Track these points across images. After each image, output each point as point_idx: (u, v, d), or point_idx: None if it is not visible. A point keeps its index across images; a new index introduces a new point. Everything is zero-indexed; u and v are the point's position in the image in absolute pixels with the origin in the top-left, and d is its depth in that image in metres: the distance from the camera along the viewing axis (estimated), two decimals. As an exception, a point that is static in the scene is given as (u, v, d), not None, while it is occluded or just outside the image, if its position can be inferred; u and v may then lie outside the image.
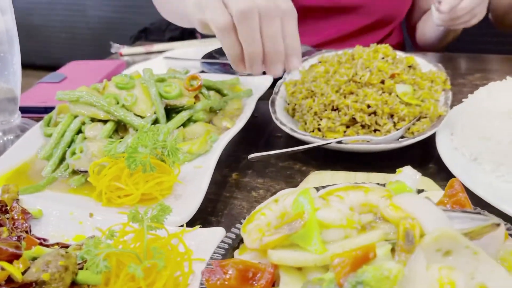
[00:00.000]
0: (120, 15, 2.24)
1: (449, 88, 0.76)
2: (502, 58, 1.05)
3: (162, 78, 0.72)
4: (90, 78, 0.97)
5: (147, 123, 0.63)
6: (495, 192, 0.55)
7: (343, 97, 0.71)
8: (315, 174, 0.61)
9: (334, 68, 0.76)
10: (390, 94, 0.71)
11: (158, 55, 1.19)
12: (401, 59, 0.80)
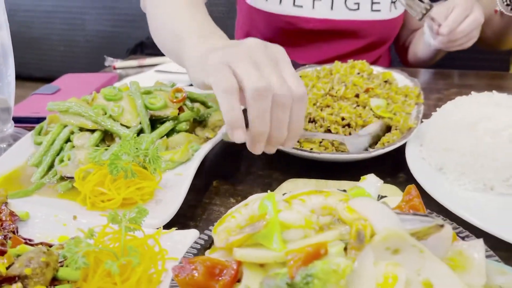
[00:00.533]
0: (118, 29, 2.29)
1: (421, 102, 0.80)
2: (479, 74, 1.10)
3: (149, 90, 0.76)
4: (83, 90, 1.00)
5: (132, 132, 0.67)
6: (455, 199, 0.58)
7: (320, 110, 0.75)
8: (290, 181, 0.65)
9: (313, 83, 0.81)
10: (364, 108, 0.75)
11: (150, 68, 1.23)
12: (377, 75, 0.85)
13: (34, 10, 2.44)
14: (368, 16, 1.20)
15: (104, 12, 2.30)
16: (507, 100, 0.65)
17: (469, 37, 0.95)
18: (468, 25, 0.92)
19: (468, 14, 0.92)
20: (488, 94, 0.68)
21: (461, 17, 0.92)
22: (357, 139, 0.70)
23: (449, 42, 0.96)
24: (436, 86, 1.04)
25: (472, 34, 0.95)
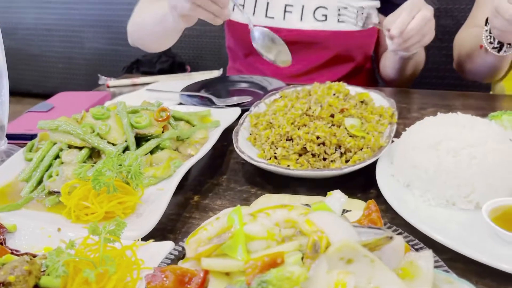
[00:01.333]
0: (114, 47, 2.35)
1: (395, 122, 0.84)
2: (456, 94, 1.15)
3: (136, 109, 0.80)
4: (75, 108, 1.04)
5: (118, 149, 0.71)
6: (419, 215, 0.62)
7: (297, 129, 0.79)
8: (265, 197, 0.69)
9: (292, 103, 0.85)
10: (339, 127, 0.79)
11: (142, 86, 1.28)
12: (354, 96, 0.89)
13: (34, 28, 2.51)
14: (335, 27, 1.27)
15: (101, 30, 2.37)
16: (470, 120, 0.70)
17: (422, 33, 0.99)
18: (417, 22, 0.97)
19: (415, 14, 0.97)
20: (453, 115, 0.72)
21: (409, 18, 0.97)
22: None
23: (404, 42, 1.00)
24: (415, 105, 1.08)
25: (424, 31, 0.99)
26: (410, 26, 0.96)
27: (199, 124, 0.85)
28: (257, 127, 0.85)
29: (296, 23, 1.31)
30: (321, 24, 1.29)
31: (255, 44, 1.10)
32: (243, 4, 1.34)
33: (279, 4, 1.31)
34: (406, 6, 0.99)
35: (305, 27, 1.30)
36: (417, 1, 0.98)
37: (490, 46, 1.10)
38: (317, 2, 1.29)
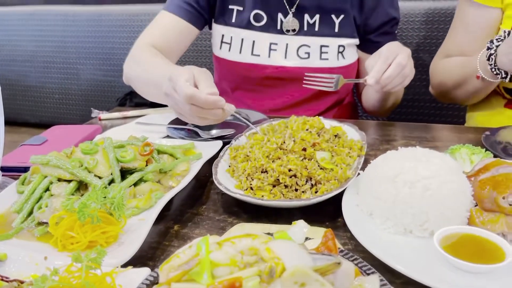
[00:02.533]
0: (109, 78, 2.43)
1: (363, 154, 0.91)
2: (426, 126, 1.22)
3: (122, 144, 0.87)
4: (68, 141, 1.11)
5: (103, 182, 0.77)
6: (377, 242, 0.68)
7: (272, 162, 0.85)
8: (238, 226, 0.74)
9: (268, 137, 0.92)
10: (310, 160, 0.85)
11: (133, 119, 1.34)
12: (327, 130, 0.96)
13: (32, 61, 2.59)
14: (318, 64, 1.35)
15: (97, 62, 2.45)
16: (426, 154, 0.76)
17: (402, 76, 1.05)
18: (392, 71, 1.02)
19: (391, 62, 1.03)
20: (412, 149, 0.78)
21: (385, 66, 1.03)
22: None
23: (384, 87, 1.06)
24: (387, 137, 1.15)
25: (404, 73, 1.05)
26: (386, 75, 1.02)
27: (181, 157, 0.91)
28: (236, 159, 0.92)
29: (280, 60, 1.39)
30: (304, 61, 1.37)
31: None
32: (230, 43, 1.42)
33: (264, 42, 1.39)
34: (383, 53, 1.04)
35: (289, 64, 1.38)
36: (393, 46, 1.04)
37: (494, 77, 1.18)
38: (300, 41, 1.38)
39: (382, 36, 1.36)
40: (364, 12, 1.35)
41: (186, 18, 1.39)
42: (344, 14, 1.35)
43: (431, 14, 1.88)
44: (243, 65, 1.40)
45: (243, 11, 1.40)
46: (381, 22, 1.36)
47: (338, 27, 1.35)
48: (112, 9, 2.42)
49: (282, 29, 1.38)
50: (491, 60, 1.16)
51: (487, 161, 0.76)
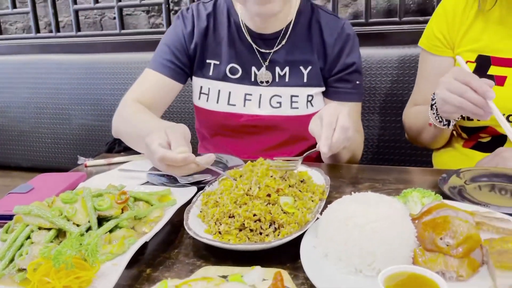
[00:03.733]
0: (99, 123, 2.52)
1: (325, 198, 0.98)
2: (390, 169, 1.29)
3: (100, 193, 0.94)
4: (53, 189, 1.18)
5: (80, 230, 0.83)
6: (330, 281, 0.74)
7: (239, 207, 0.92)
8: (204, 269, 0.80)
9: (237, 183, 0.99)
10: (274, 205, 0.92)
11: (117, 165, 1.42)
12: (294, 174, 1.04)
13: (26, 107, 2.68)
14: (289, 112, 1.46)
15: (88, 108, 2.55)
16: (376, 199, 0.83)
17: (346, 140, 1.11)
18: (338, 136, 1.07)
19: (334, 127, 1.09)
20: (364, 193, 0.86)
21: (330, 132, 1.08)
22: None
23: (333, 150, 1.10)
24: (353, 180, 1.22)
25: (347, 137, 1.11)
26: (334, 140, 1.08)
27: (156, 203, 0.98)
28: (206, 205, 0.98)
29: (255, 109, 1.49)
30: (277, 110, 1.48)
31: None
32: (208, 93, 1.52)
33: (240, 93, 1.50)
34: (325, 118, 1.10)
35: (263, 113, 1.48)
36: (332, 109, 1.12)
37: (440, 124, 1.29)
38: (272, 91, 1.49)
39: (340, 83, 1.47)
40: (328, 63, 1.46)
41: (169, 75, 1.51)
42: (311, 66, 1.46)
43: (403, 60, 2.00)
44: (220, 114, 1.50)
45: (220, 64, 1.52)
46: (339, 69, 1.47)
47: (306, 77, 1.46)
48: (103, 57, 2.54)
49: (256, 80, 1.49)
50: (434, 109, 1.27)
51: (431, 204, 0.83)
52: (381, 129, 2.06)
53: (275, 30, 1.49)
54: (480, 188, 1.09)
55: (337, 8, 2.21)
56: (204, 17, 1.54)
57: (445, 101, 1.17)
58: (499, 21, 1.35)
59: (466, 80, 1.12)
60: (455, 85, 1.13)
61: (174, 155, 1.03)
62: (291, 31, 1.49)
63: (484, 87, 1.10)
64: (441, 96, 1.18)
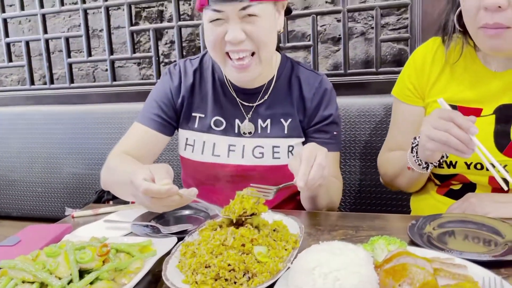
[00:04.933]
0: (90, 171, 2.58)
1: (297, 247, 1.03)
2: (366, 216, 1.35)
3: (82, 246, 0.98)
4: (39, 242, 1.22)
5: (62, 283, 0.87)
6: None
7: (215, 257, 0.97)
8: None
9: (214, 234, 1.04)
10: (248, 255, 0.97)
11: (104, 216, 1.47)
12: (267, 224, 1.09)
13: (18, 157, 2.74)
14: (271, 162, 1.53)
15: (79, 156, 2.61)
16: (341, 247, 0.89)
17: (322, 178, 1.19)
18: (315, 172, 1.15)
19: (312, 163, 1.17)
20: (330, 242, 0.91)
21: (308, 168, 1.16)
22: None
23: (309, 187, 1.19)
24: (328, 227, 1.28)
25: (324, 174, 1.18)
26: (311, 176, 1.16)
27: (137, 254, 1.03)
28: (185, 255, 1.03)
29: (238, 160, 1.56)
30: (259, 160, 1.55)
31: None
32: (193, 145, 1.60)
33: (224, 144, 1.57)
34: (304, 156, 1.19)
35: (246, 163, 1.55)
36: (312, 148, 1.21)
37: (419, 168, 1.35)
38: (255, 142, 1.56)
39: (318, 133, 1.56)
40: (307, 115, 1.55)
41: (156, 128, 1.59)
42: (291, 118, 1.55)
43: (380, 108, 2.10)
44: (205, 164, 1.57)
45: (205, 117, 1.60)
46: (317, 121, 1.57)
47: (287, 129, 1.55)
48: (95, 107, 2.64)
49: (240, 132, 1.57)
50: (414, 152, 1.34)
51: (393, 252, 0.89)
52: (362, 175, 2.13)
53: (258, 85, 1.59)
54: (447, 234, 1.15)
55: (317, 59, 2.34)
56: (191, 73, 1.64)
57: (430, 138, 1.21)
58: (464, 72, 1.45)
59: (451, 117, 1.18)
60: (440, 122, 1.19)
61: (157, 186, 1.08)
62: (273, 87, 1.59)
63: (468, 123, 1.16)
64: (426, 133, 1.23)
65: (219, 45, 1.41)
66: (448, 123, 1.17)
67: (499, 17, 1.19)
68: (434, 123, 1.20)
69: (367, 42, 2.49)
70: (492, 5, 1.18)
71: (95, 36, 3.06)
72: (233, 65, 1.42)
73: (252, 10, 1.35)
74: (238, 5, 1.34)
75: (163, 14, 2.90)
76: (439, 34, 1.48)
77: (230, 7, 1.34)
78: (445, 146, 1.18)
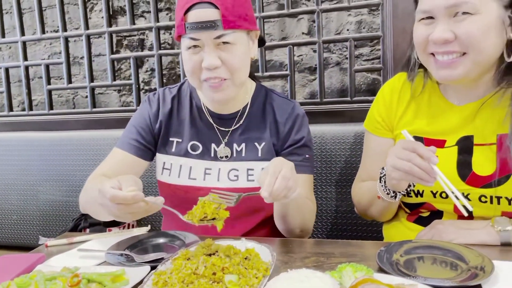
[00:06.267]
0: (67, 198, 2.56)
1: (268, 275, 1.05)
2: (338, 243, 1.38)
3: (53, 276, 0.99)
4: (11, 272, 1.21)
5: (31, 314, 0.88)
6: None
7: (186, 286, 0.98)
8: None
9: (185, 263, 1.06)
10: (219, 283, 0.99)
11: (78, 245, 1.46)
12: (239, 253, 1.11)
13: (-6, 184, 2.71)
14: (245, 184, 1.57)
15: (56, 184, 2.59)
16: (309, 275, 0.92)
17: (287, 189, 1.22)
18: (279, 184, 1.19)
19: (278, 175, 1.21)
20: (297, 270, 0.94)
21: (273, 180, 1.20)
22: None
23: (274, 198, 1.22)
24: (301, 254, 1.30)
25: (289, 186, 1.22)
26: (275, 187, 1.20)
27: (109, 284, 1.03)
28: (157, 285, 1.04)
29: (214, 182, 1.59)
30: (234, 182, 1.59)
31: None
32: (170, 169, 1.63)
33: (200, 168, 1.61)
34: (270, 168, 1.23)
35: (221, 186, 1.59)
36: (278, 161, 1.26)
37: (387, 196, 1.40)
38: (230, 165, 1.60)
39: (291, 156, 1.61)
40: (280, 139, 1.61)
41: (134, 153, 1.63)
42: (264, 142, 1.61)
43: (355, 136, 2.16)
44: (181, 187, 1.61)
45: (182, 142, 1.65)
46: (290, 144, 1.63)
47: (260, 152, 1.60)
48: (74, 134, 2.64)
49: (216, 156, 1.61)
50: (382, 182, 1.39)
51: (358, 279, 0.92)
52: (337, 201, 2.17)
53: (233, 111, 1.65)
54: (415, 260, 1.18)
55: (294, 88, 2.40)
56: (169, 100, 1.70)
57: (395, 167, 1.27)
58: (427, 106, 1.52)
59: (413, 148, 1.24)
60: (404, 152, 1.25)
61: (124, 193, 1.13)
62: (248, 112, 1.65)
63: (429, 153, 1.23)
64: (391, 164, 1.29)
65: (197, 72, 1.49)
66: (411, 154, 1.22)
67: (447, 47, 1.27)
68: (398, 153, 1.25)
69: (342, 72, 2.58)
70: (438, 39, 1.26)
71: (76, 63, 3.09)
72: (209, 84, 1.49)
73: (227, 38, 1.44)
74: (213, 34, 1.43)
75: (144, 42, 2.95)
76: (404, 69, 1.56)
77: (206, 35, 1.43)
78: (409, 175, 1.24)
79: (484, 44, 1.27)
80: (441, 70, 1.33)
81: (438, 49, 1.31)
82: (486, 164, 1.35)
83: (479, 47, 1.26)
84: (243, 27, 1.47)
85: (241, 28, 1.46)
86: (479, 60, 1.29)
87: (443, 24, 1.27)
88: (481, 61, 1.30)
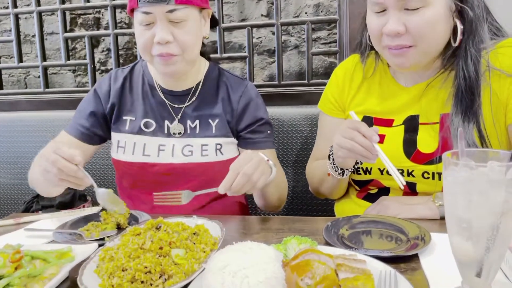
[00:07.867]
0: (18, 181, 2.48)
1: (215, 249, 1.07)
2: (290, 219, 1.41)
3: (-6, 253, 0.96)
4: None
5: (-32, 290, 0.85)
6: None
7: (132, 260, 0.98)
8: (90, 321, 0.85)
9: (133, 239, 1.06)
10: (166, 257, 1.00)
11: (26, 225, 1.43)
12: (188, 229, 1.12)
13: None
14: (199, 159, 1.59)
15: (7, 166, 2.50)
16: (252, 247, 0.93)
17: (250, 184, 1.26)
18: (238, 181, 1.24)
19: (238, 173, 1.25)
20: (242, 243, 0.96)
21: (233, 176, 1.24)
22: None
23: (235, 193, 1.27)
24: (251, 230, 1.32)
25: (253, 180, 1.26)
26: (234, 185, 1.24)
27: (53, 261, 1.02)
28: (103, 260, 1.04)
29: (168, 158, 1.60)
30: (188, 158, 1.60)
31: (100, 200, 1.38)
32: (125, 146, 1.62)
33: (154, 145, 1.61)
34: (232, 166, 1.27)
35: (176, 161, 1.60)
36: (244, 157, 1.29)
37: (336, 173, 1.44)
38: (184, 141, 1.62)
39: (252, 134, 1.65)
40: (234, 116, 1.63)
41: (79, 138, 1.65)
42: (218, 119, 1.63)
43: (311, 118, 2.19)
44: (135, 164, 1.61)
45: (135, 120, 1.64)
46: (249, 123, 1.65)
47: (214, 129, 1.62)
48: (26, 115, 2.55)
49: (170, 132, 1.61)
50: (331, 159, 1.43)
51: (300, 249, 0.94)
52: (294, 182, 2.21)
53: (185, 88, 1.67)
54: (360, 234, 1.23)
55: (253, 70, 2.41)
56: (121, 79, 1.70)
57: (340, 146, 1.34)
58: (378, 87, 1.56)
59: (356, 127, 1.31)
60: (348, 131, 1.32)
61: (66, 148, 1.26)
62: (200, 89, 1.67)
63: (371, 132, 1.30)
64: (336, 142, 1.36)
65: (148, 46, 1.50)
66: (354, 132, 1.28)
67: (400, 40, 1.31)
68: (343, 132, 1.31)
69: (300, 55, 2.60)
70: (391, 32, 1.30)
71: (27, 42, 2.97)
72: (160, 57, 1.49)
73: (178, 14, 1.45)
74: (165, 7, 1.44)
75: (99, 21, 2.87)
76: (357, 52, 1.60)
77: (158, 8, 1.43)
78: (352, 153, 1.29)
79: (433, 36, 1.31)
80: (396, 59, 1.37)
81: (391, 43, 1.34)
82: (430, 142, 1.41)
83: (428, 39, 1.31)
84: (195, 3, 1.47)
85: (193, 4, 1.47)
86: (428, 51, 1.35)
87: (395, 16, 1.30)
88: (430, 51, 1.35)
